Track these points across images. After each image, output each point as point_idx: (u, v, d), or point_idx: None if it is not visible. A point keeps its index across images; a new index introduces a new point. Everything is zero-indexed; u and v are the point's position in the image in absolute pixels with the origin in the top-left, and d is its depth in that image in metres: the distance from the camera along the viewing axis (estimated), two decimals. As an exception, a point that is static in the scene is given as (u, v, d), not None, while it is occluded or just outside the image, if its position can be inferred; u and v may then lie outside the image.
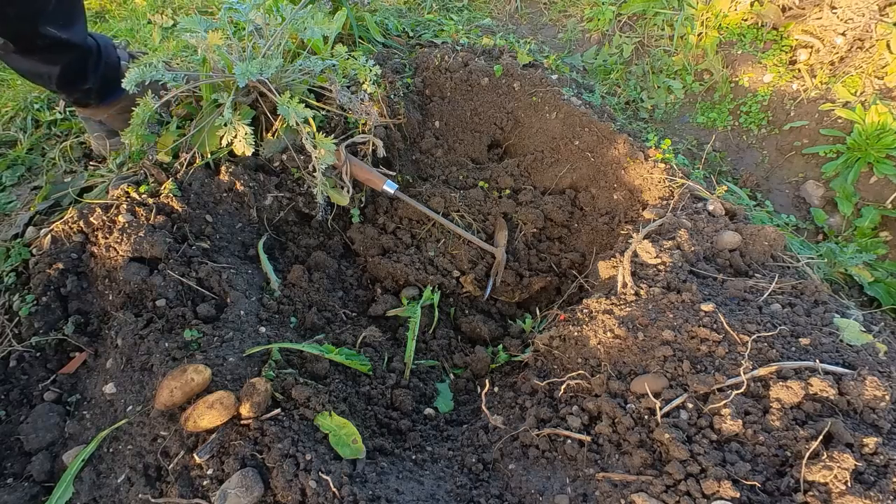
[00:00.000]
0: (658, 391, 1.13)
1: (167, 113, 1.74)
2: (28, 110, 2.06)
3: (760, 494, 0.96)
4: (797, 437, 1.01)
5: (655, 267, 1.43)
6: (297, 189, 1.73)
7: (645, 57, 2.61)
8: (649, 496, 0.98)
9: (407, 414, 1.42)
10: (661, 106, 2.51)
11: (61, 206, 1.65)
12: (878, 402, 1.04)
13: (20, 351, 1.34)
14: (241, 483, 1.03)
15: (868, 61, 2.21)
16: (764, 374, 1.10)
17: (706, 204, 1.62)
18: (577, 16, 2.84)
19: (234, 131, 1.48)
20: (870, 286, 1.71)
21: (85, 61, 1.56)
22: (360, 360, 1.41)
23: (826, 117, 2.21)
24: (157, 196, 1.52)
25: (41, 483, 1.17)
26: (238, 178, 1.61)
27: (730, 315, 1.24)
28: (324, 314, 1.60)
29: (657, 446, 1.07)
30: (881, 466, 0.95)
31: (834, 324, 1.24)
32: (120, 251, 1.40)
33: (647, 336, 1.23)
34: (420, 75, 2.13)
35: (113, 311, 1.38)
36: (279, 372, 1.27)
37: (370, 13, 2.37)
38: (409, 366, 1.53)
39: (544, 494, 1.10)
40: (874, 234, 1.99)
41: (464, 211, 1.98)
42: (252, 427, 1.11)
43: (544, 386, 1.31)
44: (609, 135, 1.98)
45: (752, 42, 2.48)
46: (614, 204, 1.97)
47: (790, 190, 2.21)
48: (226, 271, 1.47)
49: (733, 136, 2.39)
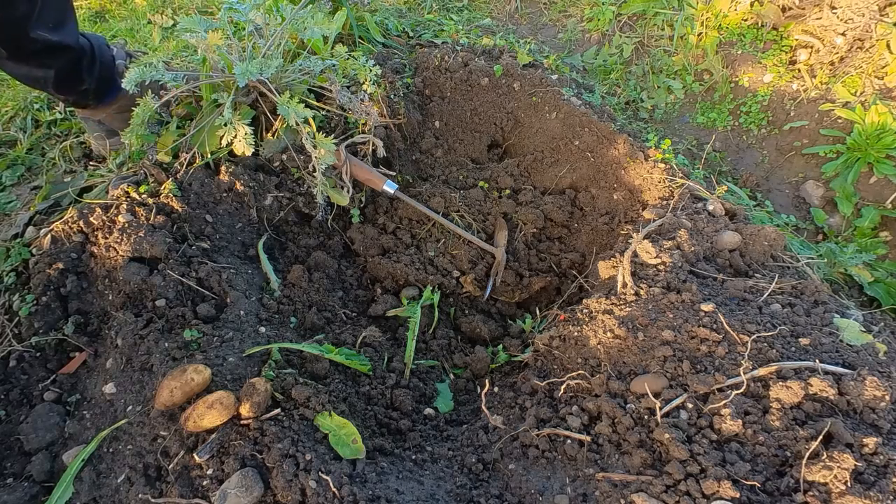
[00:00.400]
0: (658, 391, 1.13)
1: (167, 113, 1.74)
2: (28, 110, 2.06)
3: (760, 494, 0.96)
4: (797, 437, 1.01)
5: (655, 267, 1.43)
6: (297, 189, 1.73)
7: (645, 57, 2.61)
8: (649, 496, 0.98)
9: (407, 414, 1.42)
10: (661, 106, 2.51)
11: (61, 206, 1.65)
12: (877, 402, 1.04)
13: (20, 351, 1.34)
14: (241, 483, 1.03)
15: (868, 61, 2.21)
16: (764, 374, 1.10)
17: (706, 204, 1.62)
18: (577, 16, 2.84)
19: (234, 131, 1.48)
20: (870, 286, 1.71)
21: (79, 62, 1.55)
22: (359, 360, 1.41)
23: (826, 117, 2.21)
24: (157, 196, 1.52)
25: (41, 483, 1.17)
26: (238, 178, 1.61)
27: (730, 315, 1.24)
28: (324, 314, 1.60)
29: (657, 446, 1.07)
30: (881, 466, 0.95)
31: (834, 324, 1.24)
32: (120, 251, 1.40)
33: (647, 336, 1.23)
34: (420, 75, 2.12)
35: (113, 311, 1.38)
36: (279, 372, 1.27)
37: (370, 13, 2.37)
38: (409, 366, 1.53)
39: (544, 494, 1.10)
40: (874, 234, 1.99)
41: (464, 211, 1.99)
42: (252, 427, 1.11)
43: (544, 386, 1.31)
44: (609, 135, 1.98)
45: (752, 42, 2.48)
46: (614, 204, 1.97)
47: (790, 190, 2.21)
48: (226, 271, 1.47)
49: (733, 136, 2.39)
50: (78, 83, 1.58)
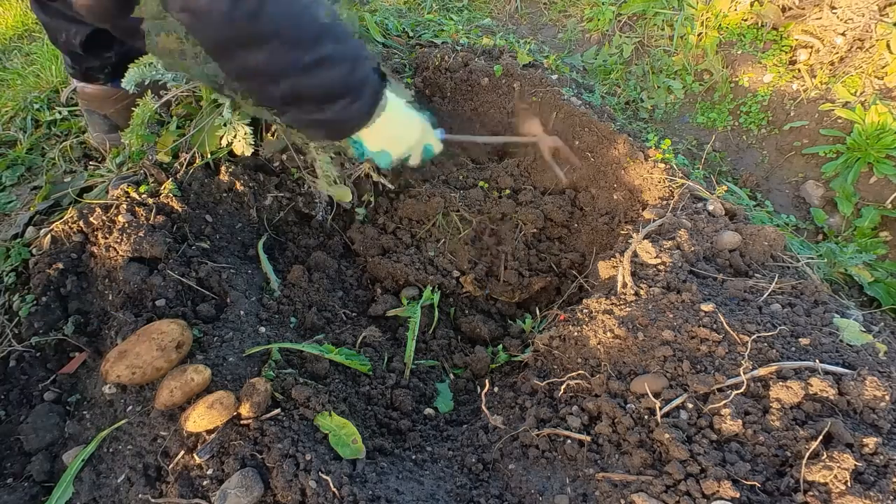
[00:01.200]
0: (658, 391, 1.13)
1: (167, 113, 1.74)
2: (28, 110, 2.06)
3: (760, 494, 0.96)
4: (797, 438, 1.01)
5: (655, 267, 1.43)
6: (297, 189, 1.73)
7: (645, 57, 2.61)
8: (649, 496, 0.98)
9: (407, 414, 1.42)
10: (661, 106, 2.51)
11: (61, 206, 1.65)
12: (878, 402, 1.04)
13: (20, 351, 1.33)
14: (241, 483, 1.03)
15: (868, 61, 2.21)
16: (764, 374, 1.10)
17: (706, 204, 1.62)
18: (577, 16, 2.84)
19: (234, 131, 1.48)
20: (870, 286, 1.71)
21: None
22: (359, 360, 1.41)
23: (826, 117, 2.21)
24: (157, 196, 1.52)
25: (41, 483, 1.17)
26: (238, 178, 1.61)
27: (730, 315, 1.24)
28: (324, 314, 1.60)
29: (657, 446, 1.07)
30: (881, 466, 0.95)
31: (834, 324, 1.24)
32: (120, 251, 1.40)
33: (647, 336, 1.24)
34: (420, 75, 2.12)
35: (113, 311, 1.38)
36: (279, 372, 1.27)
37: (370, 13, 2.37)
38: (409, 366, 1.53)
39: (544, 494, 1.10)
40: (874, 234, 1.99)
41: (464, 211, 1.98)
42: (252, 427, 1.12)
43: (544, 386, 1.31)
44: (609, 135, 1.98)
45: (752, 42, 2.48)
46: (614, 204, 1.97)
47: (790, 190, 2.21)
48: (226, 271, 1.47)
49: (733, 136, 2.39)
50: (105, 50, 1.59)
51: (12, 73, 2.45)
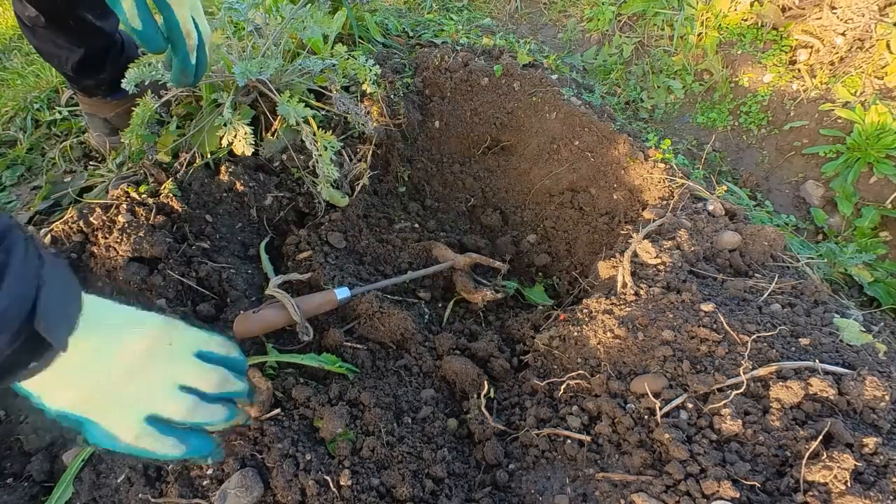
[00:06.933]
0: (658, 391, 1.13)
1: (167, 113, 1.74)
2: (28, 110, 2.06)
3: (760, 494, 0.96)
4: (797, 438, 1.01)
5: (655, 267, 1.42)
6: (297, 189, 1.73)
7: (645, 57, 2.61)
8: (649, 496, 0.98)
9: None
10: (661, 106, 2.51)
11: (61, 206, 1.65)
12: (877, 402, 1.04)
13: (20, 351, 1.33)
14: (240, 483, 1.03)
15: (868, 61, 2.21)
16: (764, 374, 1.10)
17: (706, 204, 1.62)
18: (576, 16, 2.84)
19: (234, 131, 1.48)
20: (870, 286, 1.71)
21: (108, 50, 1.58)
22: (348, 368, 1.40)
23: (826, 117, 2.21)
24: (157, 196, 1.52)
25: (41, 483, 1.17)
26: (238, 178, 1.61)
27: (730, 315, 1.24)
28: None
29: (657, 446, 1.07)
30: (881, 466, 0.95)
31: (834, 324, 1.23)
32: (120, 251, 1.40)
33: (646, 336, 1.23)
34: (420, 75, 2.12)
35: (113, 311, 1.37)
36: (280, 372, 1.27)
37: (370, 13, 2.37)
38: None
39: (544, 494, 1.10)
40: (874, 234, 1.99)
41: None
42: (252, 427, 1.12)
43: (544, 386, 1.31)
44: (609, 135, 1.98)
45: (752, 42, 2.48)
46: (614, 204, 1.97)
47: (790, 190, 2.21)
48: (226, 271, 1.47)
49: (733, 136, 2.39)
50: (99, 70, 1.60)
51: (12, 73, 2.45)
